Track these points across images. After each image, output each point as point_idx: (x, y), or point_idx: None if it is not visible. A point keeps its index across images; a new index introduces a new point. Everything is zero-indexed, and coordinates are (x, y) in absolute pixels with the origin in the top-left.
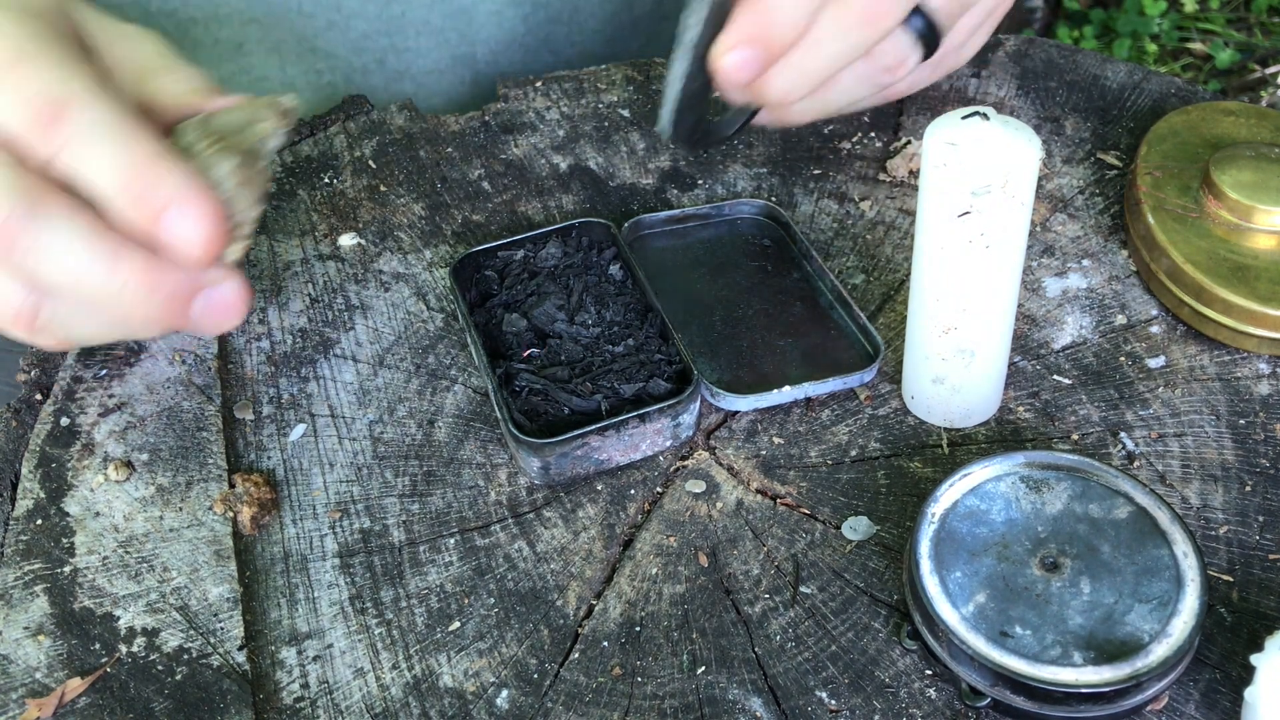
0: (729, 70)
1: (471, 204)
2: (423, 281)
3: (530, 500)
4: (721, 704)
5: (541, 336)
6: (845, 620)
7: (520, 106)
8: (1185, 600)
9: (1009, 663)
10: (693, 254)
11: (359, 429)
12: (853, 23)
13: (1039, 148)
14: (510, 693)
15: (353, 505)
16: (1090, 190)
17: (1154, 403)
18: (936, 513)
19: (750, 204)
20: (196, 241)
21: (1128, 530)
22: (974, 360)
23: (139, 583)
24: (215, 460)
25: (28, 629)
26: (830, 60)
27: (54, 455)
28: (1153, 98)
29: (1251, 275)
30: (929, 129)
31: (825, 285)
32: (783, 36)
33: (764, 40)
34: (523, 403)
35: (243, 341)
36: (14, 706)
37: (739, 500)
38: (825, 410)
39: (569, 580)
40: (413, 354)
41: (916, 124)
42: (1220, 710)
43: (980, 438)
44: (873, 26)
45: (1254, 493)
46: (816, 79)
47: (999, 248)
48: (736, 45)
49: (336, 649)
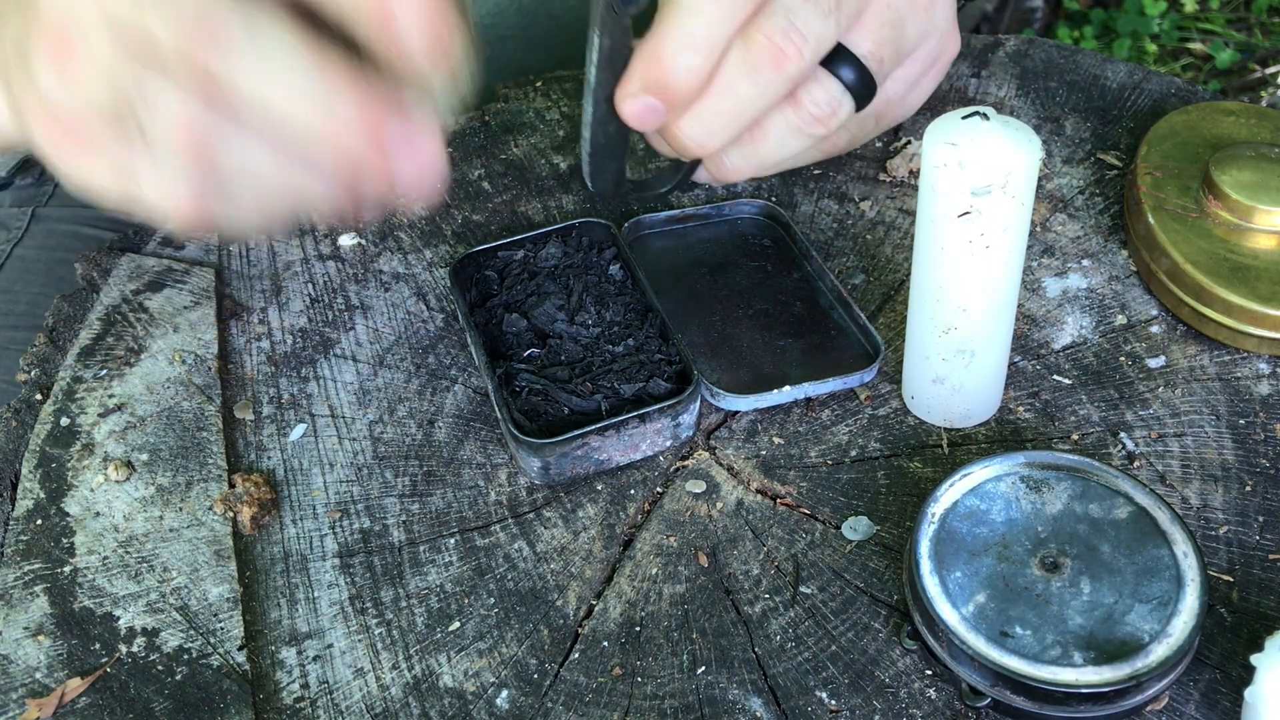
0: (631, 119)
1: (471, 204)
2: (423, 281)
3: (530, 500)
4: (721, 704)
5: (541, 337)
6: (845, 620)
7: (520, 106)
8: (1185, 600)
9: (1009, 663)
10: (693, 254)
11: (359, 429)
12: (758, 65)
13: (1039, 148)
14: (510, 693)
15: (353, 505)
16: (1090, 190)
17: (1154, 403)
18: (936, 513)
19: (750, 204)
20: (421, 40)
21: (1128, 530)
22: (974, 360)
23: (139, 583)
24: (215, 460)
25: (28, 629)
26: (742, 105)
27: (54, 455)
28: (1153, 98)
29: (1251, 275)
30: (929, 129)
31: (825, 285)
32: (682, 82)
33: (662, 86)
34: (523, 403)
35: (243, 341)
36: (14, 706)
37: (739, 500)
38: (825, 410)
39: (569, 580)
40: (413, 354)
41: (916, 124)
42: (1220, 710)
43: (980, 438)
44: (779, 70)
45: (1254, 493)
46: (732, 126)
47: (999, 248)
48: (634, 93)
49: (336, 649)
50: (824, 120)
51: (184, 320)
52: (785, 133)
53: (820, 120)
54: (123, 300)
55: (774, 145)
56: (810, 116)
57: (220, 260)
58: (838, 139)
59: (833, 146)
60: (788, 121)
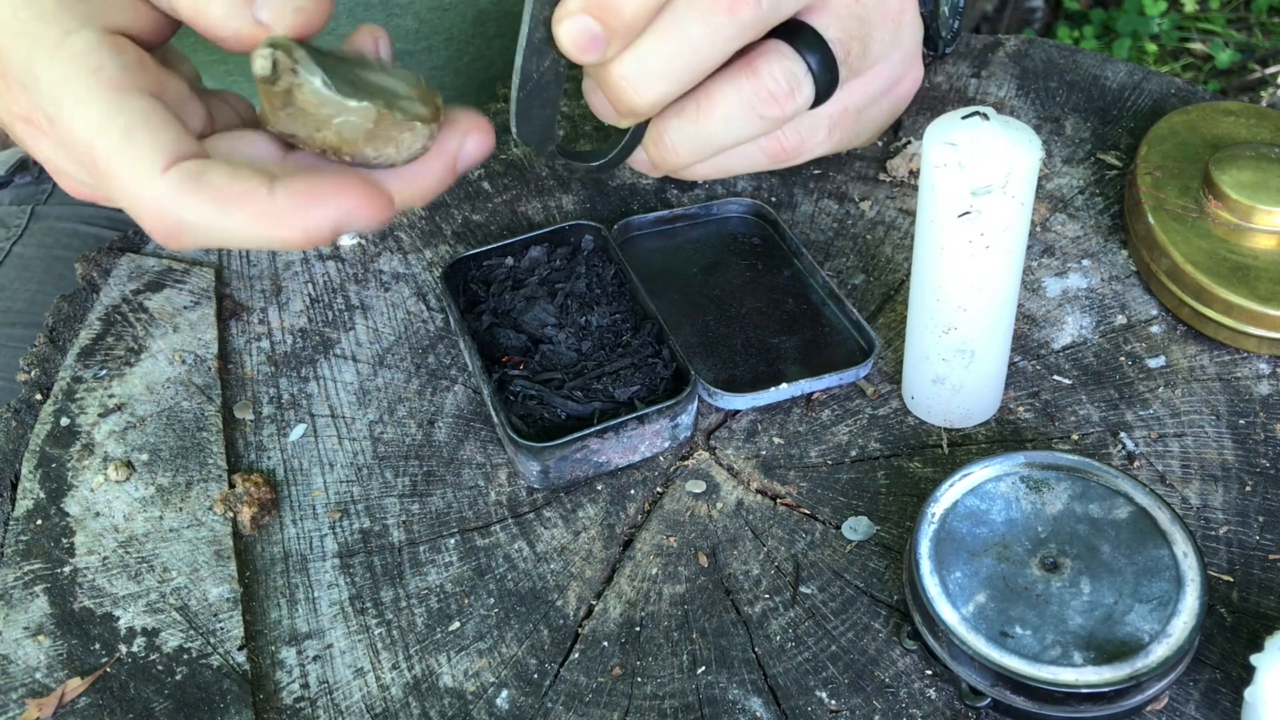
0: (566, 42)
1: (471, 204)
2: (423, 281)
3: (530, 500)
4: (721, 704)
5: (534, 341)
6: (845, 620)
7: None
8: (1185, 600)
9: (1009, 663)
10: (683, 254)
11: (359, 429)
12: (711, 4)
13: (1039, 148)
14: (510, 693)
15: (353, 505)
16: (1090, 190)
17: (1154, 403)
18: (936, 513)
19: (738, 203)
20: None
21: (1128, 530)
22: (974, 360)
23: (139, 583)
24: (215, 460)
25: (28, 629)
26: (688, 49)
27: (54, 455)
28: (1153, 98)
29: (1251, 275)
30: (929, 129)
31: (816, 282)
32: (627, 7)
33: (604, 8)
34: (518, 408)
35: (243, 341)
36: (14, 706)
37: (739, 500)
38: (825, 410)
39: (569, 580)
40: (413, 354)
41: (916, 124)
42: (1220, 710)
43: (980, 438)
44: (733, 13)
45: (1254, 493)
46: (674, 72)
47: (999, 248)
48: (573, 12)
49: (336, 649)
50: (780, 99)
51: (184, 320)
52: (736, 107)
53: (776, 99)
54: (123, 300)
55: (721, 121)
56: (766, 92)
57: (220, 260)
58: (786, 138)
59: (780, 149)
60: (740, 93)
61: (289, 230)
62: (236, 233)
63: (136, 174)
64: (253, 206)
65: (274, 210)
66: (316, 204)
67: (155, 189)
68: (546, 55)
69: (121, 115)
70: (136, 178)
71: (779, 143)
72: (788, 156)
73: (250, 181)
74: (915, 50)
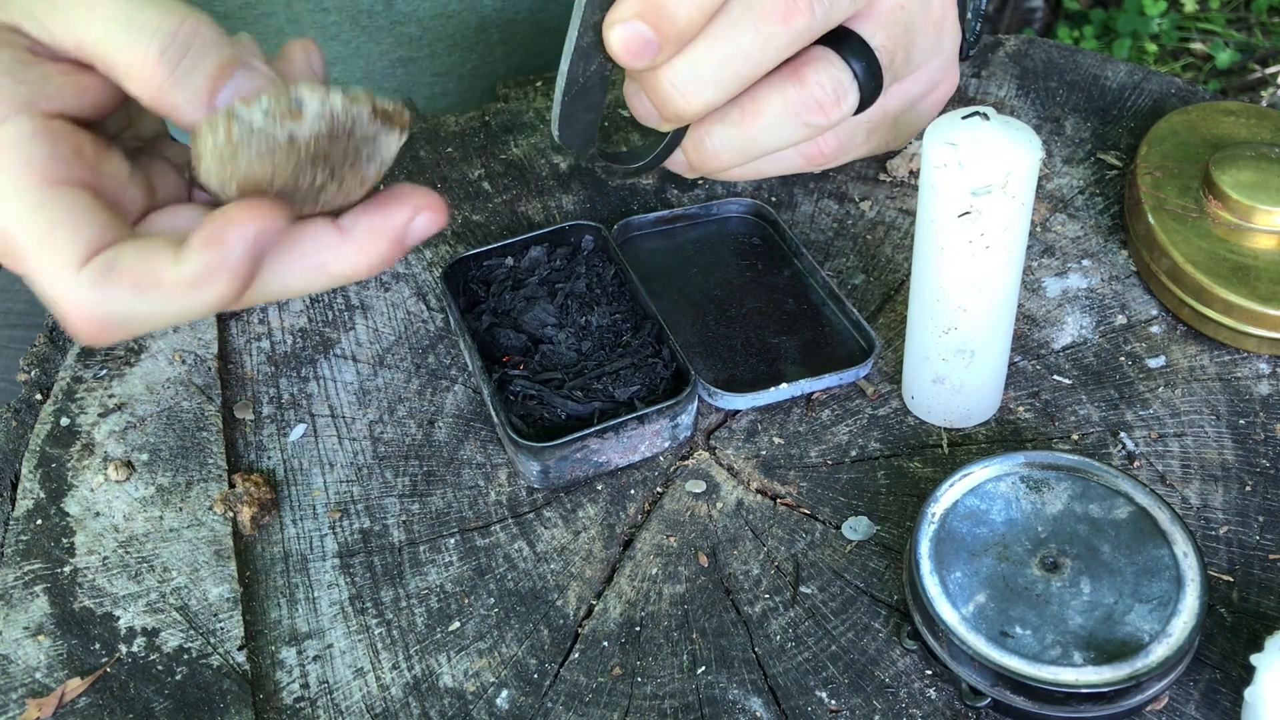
0: (618, 47)
1: (471, 204)
2: (423, 281)
3: (530, 500)
4: (721, 704)
5: (534, 341)
6: (845, 620)
7: (520, 106)
8: (1185, 600)
9: (1009, 663)
10: (683, 254)
11: (359, 429)
12: (765, 14)
13: (1039, 148)
14: (510, 693)
15: (353, 505)
16: (1090, 190)
17: (1154, 403)
18: (936, 513)
19: (738, 203)
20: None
21: (1128, 530)
22: (974, 360)
23: (139, 583)
24: (215, 460)
25: (28, 629)
26: (739, 58)
27: (54, 455)
28: (1153, 98)
29: (1251, 275)
30: (929, 129)
31: (816, 282)
32: (681, 13)
33: (658, 13)
34: (518, 408)
35: (243, 341)
36: (14, 706)
37: (739, 500)
38: (825, 410)
39: (569, 580)
40: (413, 354)
41: None
42: (1220, 710)
43: (980, 438)
44: (787, 22)
45: (1254, 493)
46: (724, 80)
47: (999, 248)
48: (626, 17)
49: (336, 649)
50: (825, 107)
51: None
52: (781, 114)
53: (821, 106)
54: None
55: (765, 128)
56: (813, 100)
57: None
58: (825, 143)
59: (819, 153)
60: (786, 100)
61: (210, 293)
62: (163, 310)
63: (53, 272)
64: (166, 278)
65: (185, 279)
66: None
67: (69, 284)
68: (593, 59)
69: (44, 211)
70: (53, 275)
71: (818, 147)
72: (826, 161)
73: (161, 254)
74: (954, 55)
